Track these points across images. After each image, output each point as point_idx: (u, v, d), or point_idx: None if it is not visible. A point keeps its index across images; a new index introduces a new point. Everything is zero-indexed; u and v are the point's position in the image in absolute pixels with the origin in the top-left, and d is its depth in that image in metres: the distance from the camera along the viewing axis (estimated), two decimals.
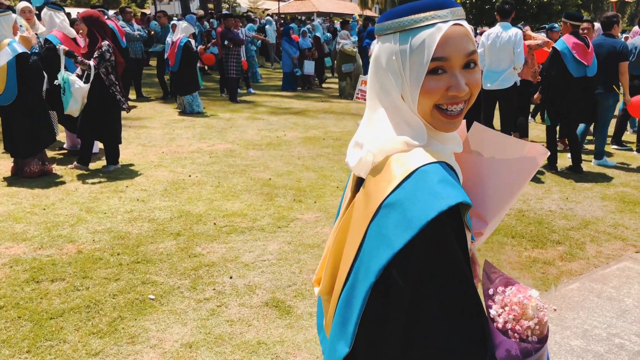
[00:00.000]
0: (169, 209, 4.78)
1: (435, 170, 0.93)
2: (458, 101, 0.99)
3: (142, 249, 3.97)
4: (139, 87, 11.11)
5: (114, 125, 5.72)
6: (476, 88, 1.01)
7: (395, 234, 0.89)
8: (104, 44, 5.47)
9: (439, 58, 0.96)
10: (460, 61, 0.97)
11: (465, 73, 0.99)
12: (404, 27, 0.98)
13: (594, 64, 5.73)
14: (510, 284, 1.05)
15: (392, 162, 0.97)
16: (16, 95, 5.22)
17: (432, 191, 0.89)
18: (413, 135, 1.00)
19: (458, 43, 0.97)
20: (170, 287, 3.43)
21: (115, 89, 5.57)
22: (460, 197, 0.90)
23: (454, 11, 0.99)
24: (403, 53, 0.97)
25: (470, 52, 0.99)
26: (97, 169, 5.92)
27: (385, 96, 1.02)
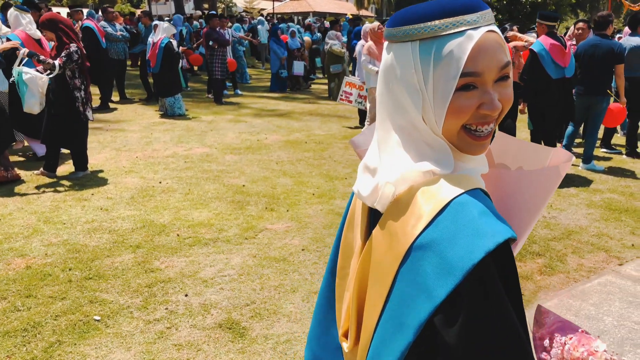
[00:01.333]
0: (132, 219, 4.55)
1: (472, 201, 0.81)
2: (490, 120, 0.85)
3: (96, 263, 3.75)
4: (122, 88, 10.89)
5: (79, 130, 5.48)
6: (508, 104, 0.86)
7: (434, 281, 0.76)
8: (72, 45, 5.23)
9: (470, 73, 0.81)
10: (494, 75, 0.83)
11: (498, 87, 0.84)
12: (426, 35, 0.82)
13: (571, 64, 5.53)
14: (569, 331, 0.92)
15: (419, 194, 0.83)
16: None
17: (474, 227, 0.77)
18: (438, 159, 0.86)
19: (492, 54, 0.82)
20: (119, 307, 3.21)
21: (77, 94, 5.32)
22: (508, 231, 0.77)
23: (485, 15, 0.83)
24: (425, 66, 0.83)
25: (506, 64, 0.84)
26: (65, 176, 5.70)
27: (402, 115, 0.87)
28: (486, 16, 0.84)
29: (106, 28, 9.91)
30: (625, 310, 3.27)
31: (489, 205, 0.83)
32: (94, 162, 6.23)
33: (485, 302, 0.75)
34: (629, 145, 7.13)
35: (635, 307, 3.31)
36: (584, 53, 5.96)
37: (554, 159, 1.05)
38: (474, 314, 0.75)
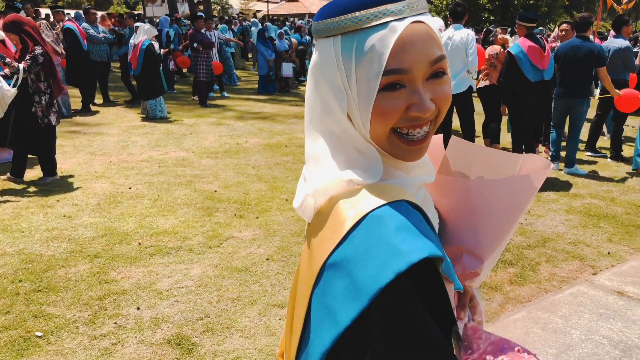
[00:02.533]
0: (94, 227, 4.41)
1: (391, 214, 0.71)
2: (422, 123, 0.75)
3: (49, 274, 3.61)
4: (106, 91, 10.74)
5: (45, 135, 5.33)
6: (445, 103, 0.77)
7: (340, 305, 0.68)
8: (37, 48, 5.08)
9: (394, 70, 0.72)
10: (424, 72, 0.73)
11: (430, 86, 0.75)
12: (346, 28, 0.74)
13: (550, 67, 5.40)
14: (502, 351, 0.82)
15: (337, 206, 0.75)
16: None
17: (388, 244, 0.68)
18: (367, 167, 0.78)
19: (419, 48, 0.72)
20: (65, 321, 3.06)
21: (37, 98, 5.16)
22: (426, 250, 0.68)
23: (412, 4, 0.74)
24: (347, 63, 0.74)
25: (437, 59, 0.74)
26: (32, 181, 5.55)
27: (330, 118, 0.79)
28: (415, 5, 0.74)
29: (88, 30, 9.76)
30: (594, 323, 3.14)
31: (413, 219, 0.72)
32: (66, 167, 6.08)
33: (398, 327, 0.66)
34: (614, 148, 7.01)
35: (605, 319, 3.18)
36: (564, 55, 5.84)
37: (528, 167, 0.96)
38: (384, 341, 0.66)
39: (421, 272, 0.69)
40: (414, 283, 0.68)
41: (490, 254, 0.95)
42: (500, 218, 0.91)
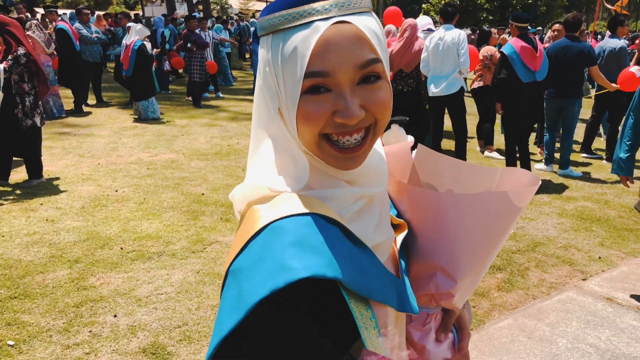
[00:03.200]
0: (77, 231, 4.33)
1: (291, 227, 0.70)
2: (351, 131, 0.71)
3: (26, 280, 3.53)
4: (99, 91, 10.66)
5: (30, 137, 5.25)
6: (381, 110, 0.72)
7: (226, 313, 0.67)
8: (19, 48, 5.00)
9: (316, 73, 0.68)
10: (350, 76, 0.69)
11: (361, 91, 0.71)
12: (275, 27, 0.72)
13: (543, 67, 5.32)
14: None
15: (251, 212, 0.75)
16: None
17: (277, 259, 0.66)
18: (294, 174, 0.76)
19: (344, 50, 0.68)
20: (39, 330, 2.98)
21: (19, 99, 5.08)
22: (311, 269, 0.65)
23: (341, 2, 0.70)
24: (276, 64, 0.72)
25: (366, 62, 0.69)
26: (18, 184, 5.47)
27: (271, 120, 0.76)
28: (346, 4, 0.70)
29: (80, 30, 9.69)
30: (581, 331, 3.06)
31: (316, 234, 0.69)
32: (53, 169, 6.00)
33: (267, 342, 0.67)
34: (610, 150, 6.92)
35: (593, 327, 3.10)
36: (555, 55, 5.77)
37: (511, 183, 0.86)
38: (252, 354, 0.67)
39: (311, 289, 0.67)
40: (304, 300, 0.67)
41: (465, 276, 0.87)
42: (477, 237, 0.84)
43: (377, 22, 0.75)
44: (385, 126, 0.77)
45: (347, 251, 0.72)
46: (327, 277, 0.66)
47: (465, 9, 21.43)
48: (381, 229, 0.82)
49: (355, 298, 0.71)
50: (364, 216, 0.79)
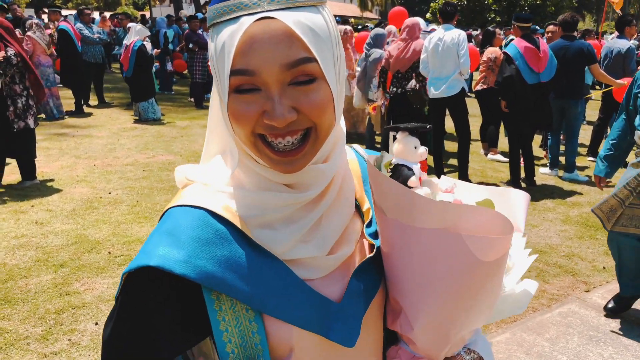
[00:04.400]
0: (65, 234, 4.23)
1: (175, 217, 0.74)
2: (284, 133, 0.68)
3: (9, 285, 3.43)
4: (101, 92, 10.60)
5: (23, 138, 5.17)
6: (316, 113, 0.67)
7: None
8: (9, 49, 4.92)
9: (241, 71, 0.65)
10: (277, 75, 0.65)
11: (293, 92, 0.66)
12: (212, 21, 0.70)
13: (548, 68, 5.15)
14: None
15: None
16: None
17: (148, 242, 0.72)
18: (225, 169, 0.78)
19: (269, 48, 0.64)
20: (16, 337, 2.88)
21: (10, 101, 4.99)
22: (161, 260, 0.68)
23: None
24: (212, 58, 0.70)
25: (295, 62, 0.65)
26: (11, 185, 5.39)
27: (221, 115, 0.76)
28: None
29: (82, 30, 9.63)
30: (583, 348, 2.90)
31: (191, 228, 0.71)
32: (48, 171, 5.92)
33: (115, 312, 0.73)
34: None
35: (595, 343, 2.94)
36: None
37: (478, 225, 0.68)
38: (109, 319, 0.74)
39: (185, 282, 0.69)
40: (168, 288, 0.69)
41: (419, 320, 0.73)
42: (435, 280, 0.71)
43: (322, 18, 0.68)
44: (328, 130, 0.71)
45: (230, 254, 0.70)
46: (174, 273, 0.67)
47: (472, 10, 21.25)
48: (314, 243, 0.73)
49: (230, 305, 0.71)
50: (286, 224, 0.73)
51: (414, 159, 0.78)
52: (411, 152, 0.79)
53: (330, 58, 0.68)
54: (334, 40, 0.70)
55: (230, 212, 0.73)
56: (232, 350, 0.72)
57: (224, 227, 0.72)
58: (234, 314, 0.71)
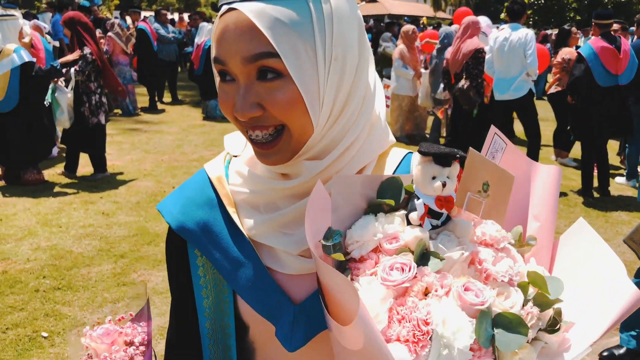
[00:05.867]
0: (128, 226, 4.44)
1: (193, 175, 0.85)
2: (254, 126, 0.68)
3: (73, 272, 3.64)
4: (174, 90, 11.06)
5: (94, 134, 5.48)
6: (279, 112, 0.66)
7: None
8: (85, 49, 5.22)
9: (215, 59, 0.68)
10: (240, 68, 0.65)
11: (259, 87, 0.66)
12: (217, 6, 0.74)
13: (628, 70, 4.74)
14: None
15: None
16: (16, 104, 5.03)
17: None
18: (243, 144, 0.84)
19: (233, 39, 0.64)
20: (74, 323, 3.05)
21: (86, 98, 5.29)
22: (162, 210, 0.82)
23: None
24: None
25: (254, 56, 0.64)
26: (85, 176, 5.73)
27: None
28: None
29: (159, 30, 10.10)
30: None
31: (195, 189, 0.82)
32: (119, 164, 6.25)
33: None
34: None
35: None
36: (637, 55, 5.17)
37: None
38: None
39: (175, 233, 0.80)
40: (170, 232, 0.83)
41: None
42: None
43: (306, 9, 0.63)
44: (302, 130, 0.68)
45: (209, 220, 0.77)
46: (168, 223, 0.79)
47: (549, 8, 20.17)
48: (294, 238, 0.72)
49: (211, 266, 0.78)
50: (271, 208, 0.74)
51: (427, 191, 0.64)
52: (426, 183, 0.64)
53: (305, 53, 0.64)
54: (320, 34, 0.65)
55: (221, 184, 0.78)
56: (208, 307, 0.79)
57: (214, 195, 0.78)
58: (213, 276, 0.78)
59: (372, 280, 0.60)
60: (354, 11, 0.69)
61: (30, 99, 5.06)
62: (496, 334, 0.55)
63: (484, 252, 0.62)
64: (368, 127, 0.73)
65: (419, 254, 0.60)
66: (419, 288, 0.58)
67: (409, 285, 0.58)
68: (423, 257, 0.60)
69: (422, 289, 0.58)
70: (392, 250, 0.62)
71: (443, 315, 0.55)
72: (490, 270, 0.60)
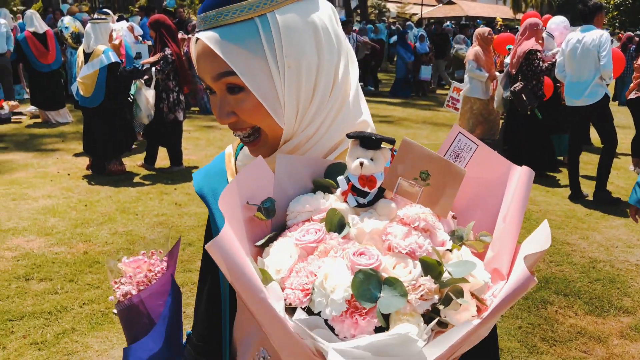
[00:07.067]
0: (198, 217, 4.70)
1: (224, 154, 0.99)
2: (236, 128, 0.82)
3: None
4: None
5: (171, 129, 5.83)
6: (249, 117, 0.79)
7: None
8: (166, 49, 5.57)
9: (199, 77, 0.83)
10: (213, 84, 0.78)
11: (230, 99, 0.79)
12: None
13: None
14: None
15: None
16: (102, 100, 5.48)
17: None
18: None
19: (201, 63, 0.78)
20: None
21: (165, 95, 5.64)
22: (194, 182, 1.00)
23: (204, 17, 0.77)
24: None
25: (217, 75, 0.76)
26: (162, 168, 6.10)
27: None
28: (208, 18, 0.76)
29: None
30: None
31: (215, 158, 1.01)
32: (194, 158, 6.59)
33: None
34: None
35: None
36: None
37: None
38: None
39: None
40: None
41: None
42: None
43: (255, 31, 0.74)
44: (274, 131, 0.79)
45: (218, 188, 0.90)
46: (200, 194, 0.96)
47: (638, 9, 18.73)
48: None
49: None
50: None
51: (351, 170, 0.71)
52: (350, 163, 0.71)
53: (258, 67, 0.74)
54: (269, 48, 0.74)
55: (229, 159, 0.95)
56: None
57: (225, 168, 0.94)
58: None
59: (288, 240, 0.69)
60: (306, 19, 0.76)
61: (115, 96, 5.49)
62: (380, 297, 0.60)
63: (394, 227, 0.67)
64: (333, 114, 0.81)
65: (331, 222, 0.68)
66: (322, 249, 0.66)
67: (315, 246, 0.66)
68: (340, 227, 0.68)
69: (325, 250, 0.65)
70: (317, 221, 0.70)
71: (328, 270, 0.62)
72: (392, 241, 0.65)
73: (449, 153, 0.75)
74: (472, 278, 0.63)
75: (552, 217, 4.84)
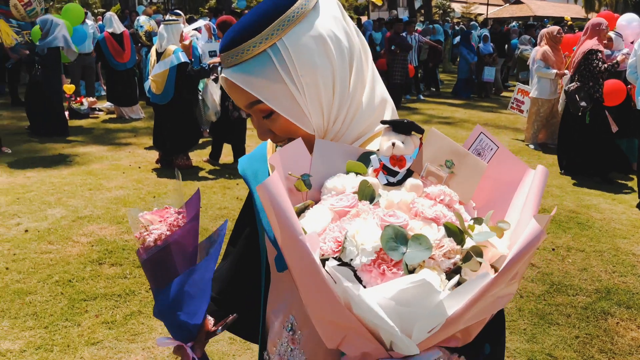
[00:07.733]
0: None
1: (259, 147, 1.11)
2: (275, 141, 0.95)
3: None
4: None
5: (235, 126, 6.06)
6: (283, 133, 0.90)
7: None
8: None
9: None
10: (247, 110, 0.90)
11: (267, 121, 0.90)
12: None
13: None
14: None
15: None
16: (171, 98, 5.78)
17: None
18: None
19: (232, 95, 0.89)
20: None
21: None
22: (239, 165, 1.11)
23: (227, 57, 0.86)
24: None
25: (248, 105, 0.88)
26: (226, 164, 6.35)
27: None
28: (227, 58, 0.85)
29: None
30: None
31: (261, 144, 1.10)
32: None
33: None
34: None
35: None
36: None
37: None
38: None
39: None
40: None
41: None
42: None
43: (270, 61, 0.82)
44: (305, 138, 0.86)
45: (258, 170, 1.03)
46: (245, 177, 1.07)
47: None
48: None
49: None
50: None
51: (383, 152, 0.80)
52: (383, 145, 0.81)
53: (280, 91, 0.84)
54: (285, 73, 0.83)
55: (270, 145, 1.04)
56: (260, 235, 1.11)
57: (266, 153, 1.04)
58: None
59: (323, 205, 0.76)
60: (312, 35, 0.83)
61: (183, 95, 5.78)
62: (407, 252, 0.66)
63: (420, 200, 0.74)
64: (355, 103, 0.89)
65: (363, 192, 0.75)
66: (354, 212, 0.74)
67: (348, 210, 0.73)
68: (371, 198, 0.75)
69: (357, 213, 0.73)
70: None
71: (360, 227, 0.69)
72: (418, 208, 0.71)
73: (470, 150, 0.81)
74: (492, 249, 0.69)
75: (617, 226, 4.65)
